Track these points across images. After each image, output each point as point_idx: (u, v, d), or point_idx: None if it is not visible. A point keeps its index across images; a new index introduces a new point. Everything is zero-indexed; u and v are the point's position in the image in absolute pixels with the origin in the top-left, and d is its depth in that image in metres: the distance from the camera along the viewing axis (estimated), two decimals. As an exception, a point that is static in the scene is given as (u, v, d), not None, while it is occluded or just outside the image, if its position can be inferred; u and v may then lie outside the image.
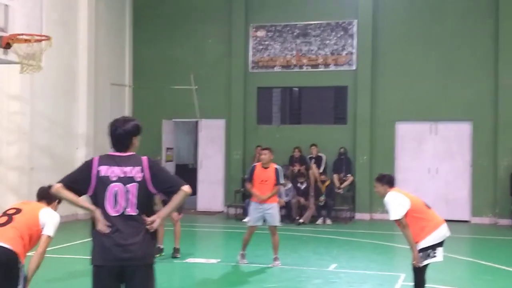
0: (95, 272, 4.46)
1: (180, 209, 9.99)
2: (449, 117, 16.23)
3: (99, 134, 16.47)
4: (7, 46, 8.44)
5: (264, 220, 9.89)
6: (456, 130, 16.26)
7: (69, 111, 15.55)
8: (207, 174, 17.89)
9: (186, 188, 4.52)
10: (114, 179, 4.47)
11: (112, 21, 17.42)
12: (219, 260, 10.35)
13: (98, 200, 4.47)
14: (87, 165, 4.54)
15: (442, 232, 6.74)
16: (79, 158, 15.72)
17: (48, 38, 8.55)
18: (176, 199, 4.53)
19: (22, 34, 8.47)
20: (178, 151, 19.42)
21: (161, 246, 10.32)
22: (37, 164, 13.91)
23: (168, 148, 18.07)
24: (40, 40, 8.63)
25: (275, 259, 9.97)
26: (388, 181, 6.94)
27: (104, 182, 4.47)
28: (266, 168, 9.95)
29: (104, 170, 4.49)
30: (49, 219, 5.39)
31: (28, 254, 5.37)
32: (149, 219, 4.48)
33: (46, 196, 5.64)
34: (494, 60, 15.84)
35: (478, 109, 16.03)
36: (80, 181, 4.49)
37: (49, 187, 5.70)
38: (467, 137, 16.17)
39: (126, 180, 4.47)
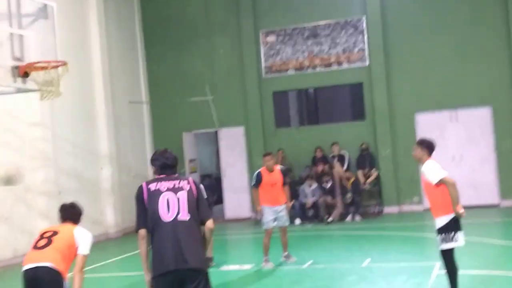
0: (156, 282, 4.68)
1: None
2: (468, 104, 16.12)
3: (122, 152, 16.67)
4: (25, 75, 8.58)
5: (275, 221, 10.14)
6: (477, 116, 16.15)
7: (90, 133, 15.74)
8: (232, 182, 17.97)
9: (210, 224, 5.05)
10: (164, 190, 4.91)
11: (124, 41, 17.61)
12: (252, 265, 10.41)
13: (152, 209, 4.85)
14: (139, 192, 4.99)
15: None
16: (105, 177, 15.94)
17: (64, 63, 8.70)
18: (208, 237, 5.09)
19: (39, 62, 8.60)
20: (200, 162, 19.53)
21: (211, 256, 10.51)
22: (65, 188, 14.09)
23: (190, 160, 18.19)
24: (56, 66, 8.76)
25: (288, 256, 10.32)
26: (428, 146, 6.98)
27: (155, 194, 4.90)
28: (271, 171, 10.17)
29: (154, 186, 4.94)
30: (83, 238, 5.58)
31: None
32: None
33: (70, 216, 5.81)
34: (508, 43, 15.71)
35: (497, 93, 15.89)
36: (144, 212, 4.92)
37: (71, 205, 5.86)
38: (488, 122, 16.04)
39: (175, 189, 4.92)
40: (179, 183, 4.97)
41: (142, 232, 4.89)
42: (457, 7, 16.21)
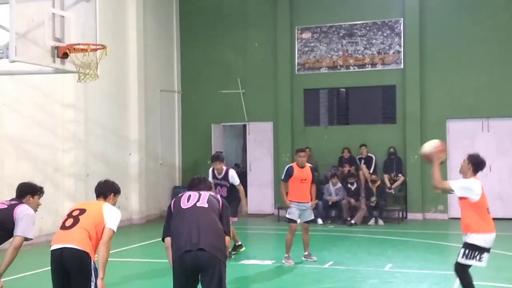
0: (173, 271, 4.74)
1: (235, 212, 10.31)
2: (501, 114, 15.93)
3: (150, 139, 16.79)
4: (64, 56, 8.65)
5: (299, 217, 10.19)
6: (509, 127, 15.94)
7: (121, 118, 15.88)
8: (257, 177, 18.01)
9: (226, 241, 5.16)
10: (189, 194, 5.24)
11: (160, 29, 17.73)
12: (273, 261, 10.42)
13: (175, 206, 5.18)
14: (169, 206, 5.33)
15: (492, 238, 6.68)
16: (132, 163, 16.08)
17: (103, 47, 8.75)
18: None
19: (79, 44, 8.68)
20: (226, 155, 19.56)
21: (239, 243, 10.85)
22: (92, 171, 14.25)
23: (217, 152, 18.20)
24: (96, 50, 8.83)
25: (309, 255, 10.32)
26: (475, 163, 6.87)
27: (180, 196, 5.29)
28: (302, 167, 10.17)
29: (180, 195, 5.32)
30: (111, 214, 5.59)
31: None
32: None
33: (101, 191, 5.89)
34: (546, 53, 15.50)
35: (531, 105, 15.70)
36: (170, 219, 5.21)
37: (104, 181, 5.92)
38: (520, 133, 15.85)
39: (200, 193, 5.26)
40: (204, 192, 5.32)
41: (167, 242, 5.12)
42: (496, 15, 16.00)
